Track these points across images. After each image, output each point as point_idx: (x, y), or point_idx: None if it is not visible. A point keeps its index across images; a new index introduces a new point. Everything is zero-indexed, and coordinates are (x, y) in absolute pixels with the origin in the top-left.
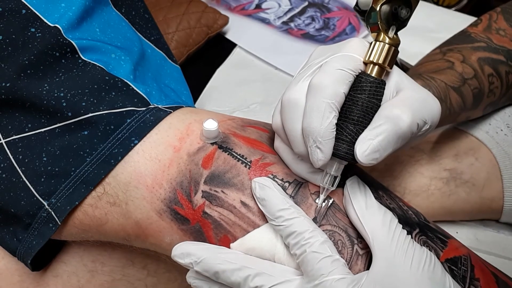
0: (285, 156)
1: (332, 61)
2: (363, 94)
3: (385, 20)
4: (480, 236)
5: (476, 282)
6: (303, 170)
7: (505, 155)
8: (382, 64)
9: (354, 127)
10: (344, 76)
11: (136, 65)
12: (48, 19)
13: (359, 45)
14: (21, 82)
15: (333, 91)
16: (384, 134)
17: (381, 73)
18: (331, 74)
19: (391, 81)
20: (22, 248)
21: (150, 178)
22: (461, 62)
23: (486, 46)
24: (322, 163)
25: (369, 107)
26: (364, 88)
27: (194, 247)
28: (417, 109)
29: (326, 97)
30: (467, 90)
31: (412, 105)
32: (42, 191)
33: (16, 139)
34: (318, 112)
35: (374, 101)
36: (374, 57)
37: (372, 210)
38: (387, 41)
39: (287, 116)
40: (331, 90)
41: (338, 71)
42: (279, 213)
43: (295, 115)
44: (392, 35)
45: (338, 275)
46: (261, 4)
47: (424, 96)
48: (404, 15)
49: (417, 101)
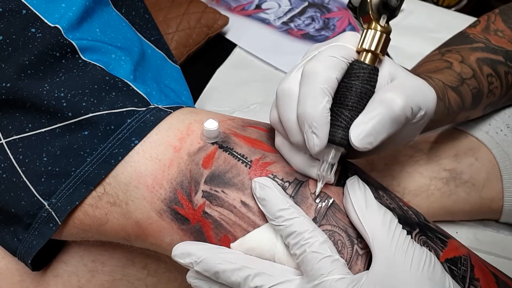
0: (284, 151)
1: (325, 50)
2: (357, 80)
3: (376, 9)
4: (479, 236)
5: (476, 282)
6: (302, 163)
7: (505, 155)
8: (375, 51)
9: (349, 113)
10: (336, 63)
11: (136, 65)
12: (49, 19)
13: (352, 36)
14: (21, 82)
15: (326, 77)
16: (378, 118)
17: (374, 60)
18: (323, 61)
19: (385, 69)
20: (22, 248)
21: (151, 178)
22: (459, 62)
23: (484, 47)
24: (318, 149)
25: (363, 93)
26: (357, 75)
27: (194, 247)
28: (410, 94)
29: (319, 83)
30: (465, 90)
31: (406, 90)
32: (42, 191)
33: (16, 139)
34: (311, 97)
35: (368, 87)
36: (366, 44)
37: (372, 210)
38: (378, 28)
39: (282, 107)
40: (324, 75)
41: (330, 58)
42: (279, 213)
43: (289, 104)
44: (384, 23)
45: (338, 275)
46: (261, 4)
47: (419, 84)
48: (394, 3)
49: (411, 88)
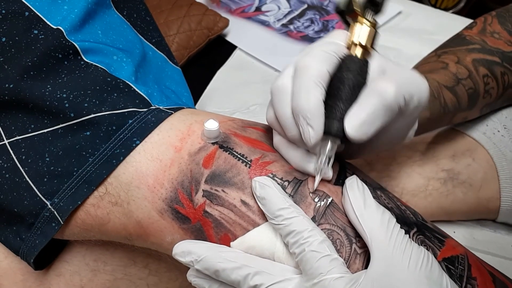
0: (282, 149)
1: (316, 46)
2: (349, 73)
3: (362, 6)
4: (477, 236)
5: (473, 281)
6: (299, 159)
7: (502, 155)
8: (364, 45)
9: (343, 104)
10: (327, 57)
11: (138, 67)
12: (51, 21)
13: (342, 33)
14: (24, 83)
15: (318, 70)
16: (371, 107)
17: (364, 54)
18: (315, 56)
19: (375, 63)
20: (25, 247)
21: (152, 178)
22: (455, 63)
23: (480, 48)
24: (314, 140)
25: (356, 85)
26: (349, 68)
27: (194, 246)
28: (402, 83)
29: (311, 76)
30: (461, 90)
31: (397, 80)
32: (45, 191)
33: (19, 139)
34: (304, 90)
35: (360, 79)
36: (355, 38)
37: (371, 209)
38: (366, 23)
39: (277, 103)
40: (316, 68)
41: (322, 52)
42: (278, 212)
43: (284, 100)
44: (371, 18)
45: (337, 274)
46: (261, 6)
47: (410, 73)
48: None
49: (402, 77)
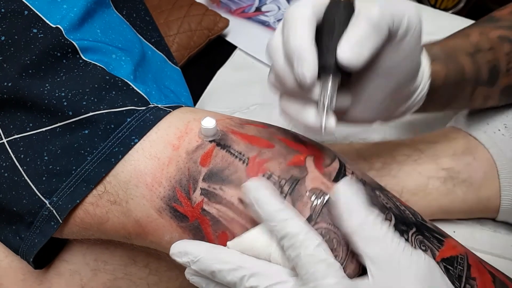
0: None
1: None
2: (337, 12)
3: None
4: (477, 235)
5: (472, 281)
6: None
7: (502, 154)
8: None
9: (334, 39)
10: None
11: (137, 66)
12: (50, 20)
13: None
14: (22, 81)
15: (303, 12)
16: (359, 30)
17: None
18: (299, 4)
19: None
20: (24, 247)
21: (150, 176)
22: (478, 34)
23: (509, 25)
24: (310, 75)
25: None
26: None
27: (191, 246)
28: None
29: (297, 19)
30: (481, 60)
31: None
32: (43, 189)
33: (17, 138)
34: (293, 32)
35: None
36: None
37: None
38: None
39: (272, 58)
40: (301, 12)
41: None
42: (273, 214)
43: (278, 54)
44: None
45: (333, 279)
46: (261, 7)
47: None
48: None
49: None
